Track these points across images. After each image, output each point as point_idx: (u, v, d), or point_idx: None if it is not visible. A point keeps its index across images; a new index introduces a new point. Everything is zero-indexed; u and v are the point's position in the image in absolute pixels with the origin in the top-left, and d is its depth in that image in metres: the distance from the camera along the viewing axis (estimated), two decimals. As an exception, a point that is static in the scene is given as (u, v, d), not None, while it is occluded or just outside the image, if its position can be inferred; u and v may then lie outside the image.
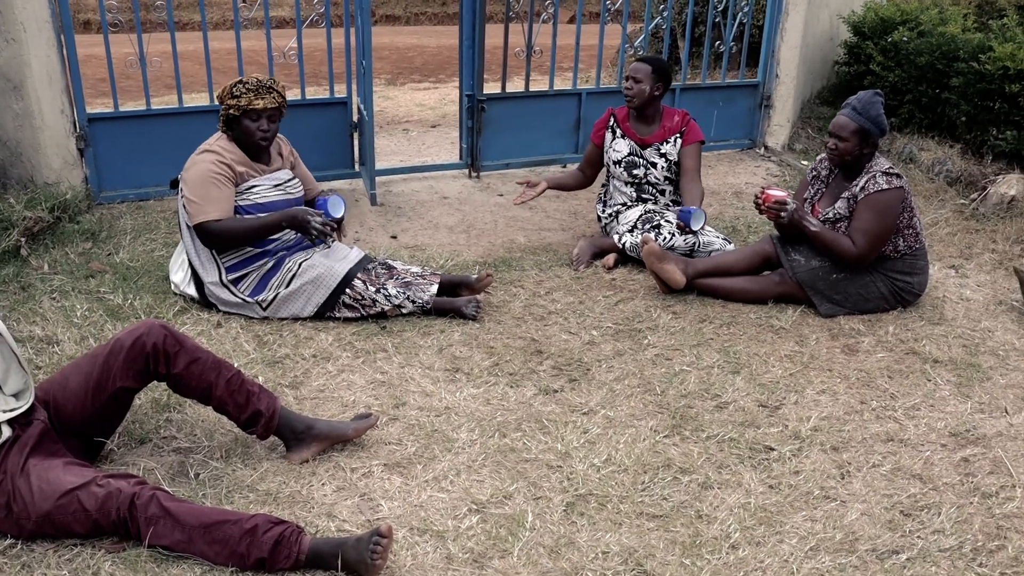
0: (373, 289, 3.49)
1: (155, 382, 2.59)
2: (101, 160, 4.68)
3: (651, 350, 3.39)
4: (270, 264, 3.53)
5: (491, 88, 5.34)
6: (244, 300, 3.51)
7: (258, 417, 2.58)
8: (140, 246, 4.19)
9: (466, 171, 5.38)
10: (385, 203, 4.88)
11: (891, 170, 3.61)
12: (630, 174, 4.28)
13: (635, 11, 9.81)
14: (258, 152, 3.55)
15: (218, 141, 3.52)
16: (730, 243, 4.15)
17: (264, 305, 3.51)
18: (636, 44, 5.78)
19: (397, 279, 3.57)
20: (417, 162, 5.60)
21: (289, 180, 3.66)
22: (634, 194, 4.32)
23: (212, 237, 3.44)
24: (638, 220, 4.18)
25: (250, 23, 5.01)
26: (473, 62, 5.04)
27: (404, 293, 3.52)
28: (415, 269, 3.67)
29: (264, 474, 2.59)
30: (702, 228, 3.92)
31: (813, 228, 3.65)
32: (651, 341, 3.46)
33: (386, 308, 3.50)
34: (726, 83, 5.98)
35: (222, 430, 2.78)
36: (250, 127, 3.45)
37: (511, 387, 3.09)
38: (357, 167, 5.14)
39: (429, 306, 3.54)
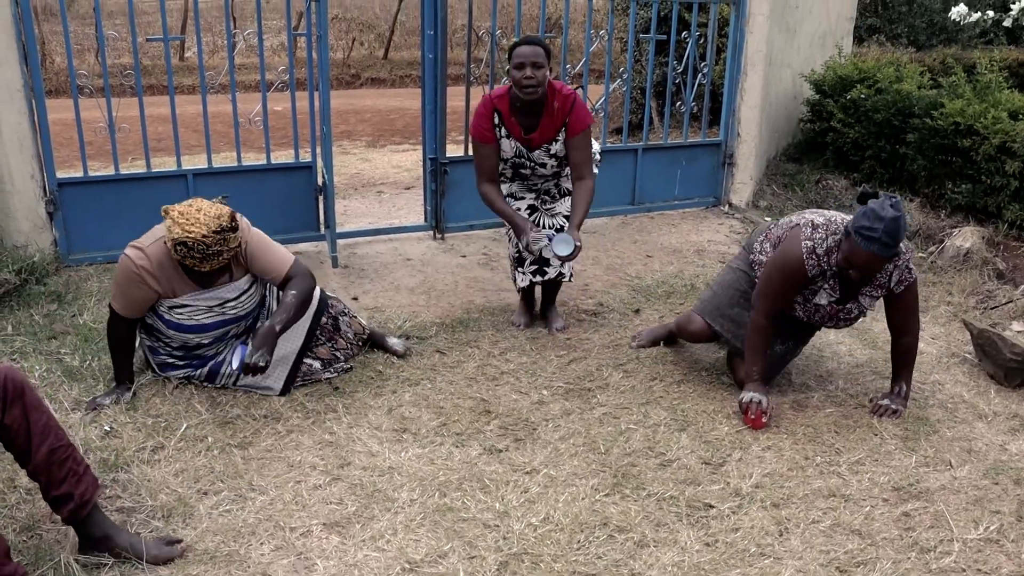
0: (319, 365, 3.57)
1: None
2: (70, 223, 4.75)
3: (599, 409, 3.42)
4: (204, 372, 3.46)
5: (454, 151, 5.45)
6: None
7: (67, 500, 2.41)
8: (104, 308, 4.22)
9: (431, 233, 5.46)
10: (350, 265, 4.95)
11: (905, 256, 3.30)
12: (517, 173, 3.97)
13: (595, 70, 9.98)
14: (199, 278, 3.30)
15: (154, 245, 3.20)
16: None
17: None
18: (596, 106, 5.91)
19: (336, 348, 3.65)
20: (386, 224, 5.68)
21: (232, 299, 3.33)
22: (523, 183, 4.05)
23: (108, 327, 3.36)
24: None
25: (220, 88, 5.12)
26: (435, 126, 5.15)
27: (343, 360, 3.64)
28: (351, 335, 3.71)
29: (203, 533, 2.61)
30: (572, 253, 3.66)
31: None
32: (600, 400, 3.50)
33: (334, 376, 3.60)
34: (688, 142, 6.10)
35: (166, 490, 2.81)
36: (193, 274, 3.24)
37: (456, 447, 3.12)
38: (323, 230, 5.22)
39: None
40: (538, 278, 3.98)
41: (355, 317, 3.78)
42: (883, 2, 9.40)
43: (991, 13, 5.56)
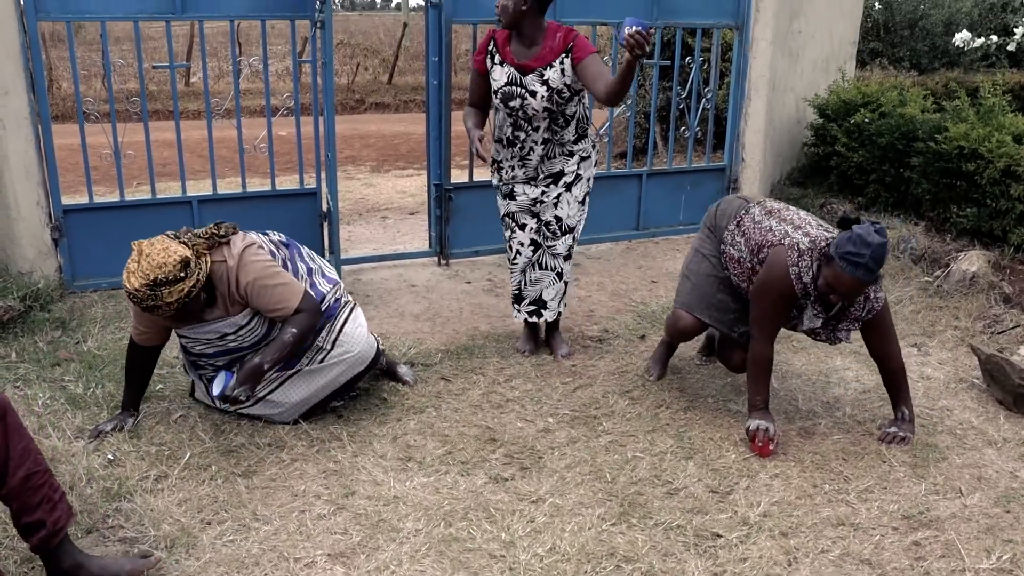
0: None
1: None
2: (75, 250, 4.76)
3: (605, 437, 3.40)
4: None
5: (458, 177, 5.45)
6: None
7: (39, 527, 2.38)
8: (108, 335, 4.23)
9: (435, 259, 5.45)
10: (354, 291, 4.94)
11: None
12: (507, 105, 3.79)
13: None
14: None
15: None
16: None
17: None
18: (601, 131, 5.92)
19: None
20: (390, 250, 5.68)
21: (232, 333, 3.23)
22: (510, 131, 3.87)
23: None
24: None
25: (225, 113, 5.14)
26: (440, 152, 5.16)
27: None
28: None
29: (207, 564, 2.59)
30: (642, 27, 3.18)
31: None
32: (606, 428, 3.47)
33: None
34: (693, 167, 6.11)
35: (170, 519, 2.79)
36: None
37: (462, 476, 3.10)
38: (328, 256, 5.22)
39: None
40: (533, 318, 4.08)
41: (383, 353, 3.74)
42: (885, 26, 9.42)
43: (994, 38, 5.57)
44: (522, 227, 4.01)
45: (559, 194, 3.93)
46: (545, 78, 3.70)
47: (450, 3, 4.95)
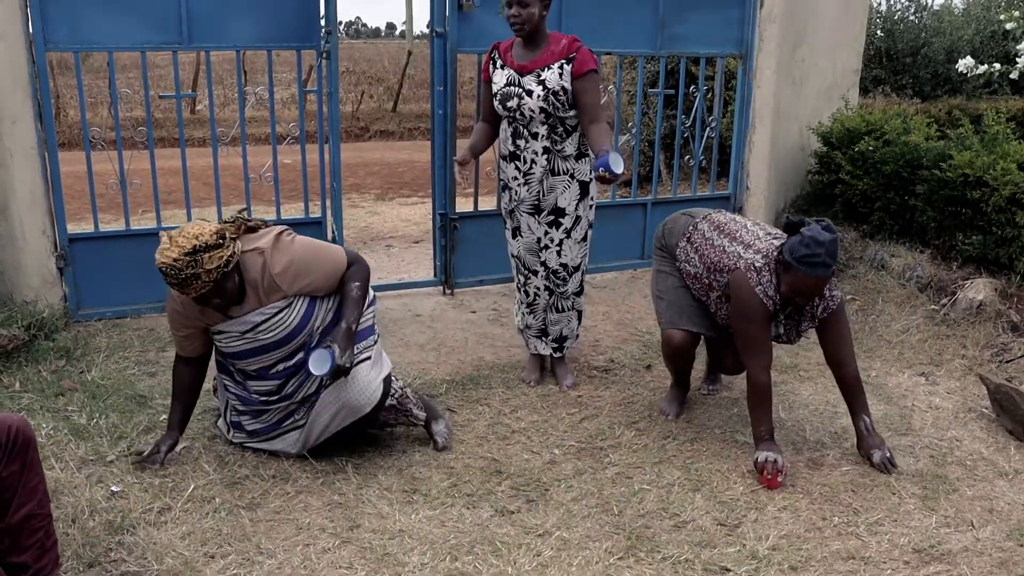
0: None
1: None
2: (80, 279, 4.76)
3: (612, 468, 3.37)
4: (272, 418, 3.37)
5: (463, 205, 5.46)
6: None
7: (22, 570, 2.35)
8: (113, 364, 4.22)
9: (440, 288, 5.44)
10: (359, 318, 4.93)
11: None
12: (504, 107, 3.82)
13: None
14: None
15: None
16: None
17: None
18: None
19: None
20: (395, 279, 5.68)
21: (263, 322, 3.15)
22: (511, 140, 3.90)
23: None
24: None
25: (232, 141, 5.15)
26: (445, 181, 5.17)
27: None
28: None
29: (209, 603, 2.56)
30: (624, 172, 3.59)
31: None
32: (612, 459, 3.45)
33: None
34: (697, 196, 6.11)
35: (173, 553, 2.77)
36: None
37: (468, 508, 3.07)
38: (333, 283, 5.22)
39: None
40: (557, 353, 4.15)
41: (410, 413, 3.53)
42: (887, 54, 9.46)
43: (998, 65, 5.58)
44: (534, 273, 4.06)
45: (561, 240, 3.95)
46: (542, 78, 3.75)
47: (455, 33, 4.97)
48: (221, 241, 2.96)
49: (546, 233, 3.96)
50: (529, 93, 3.76)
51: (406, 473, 3.30)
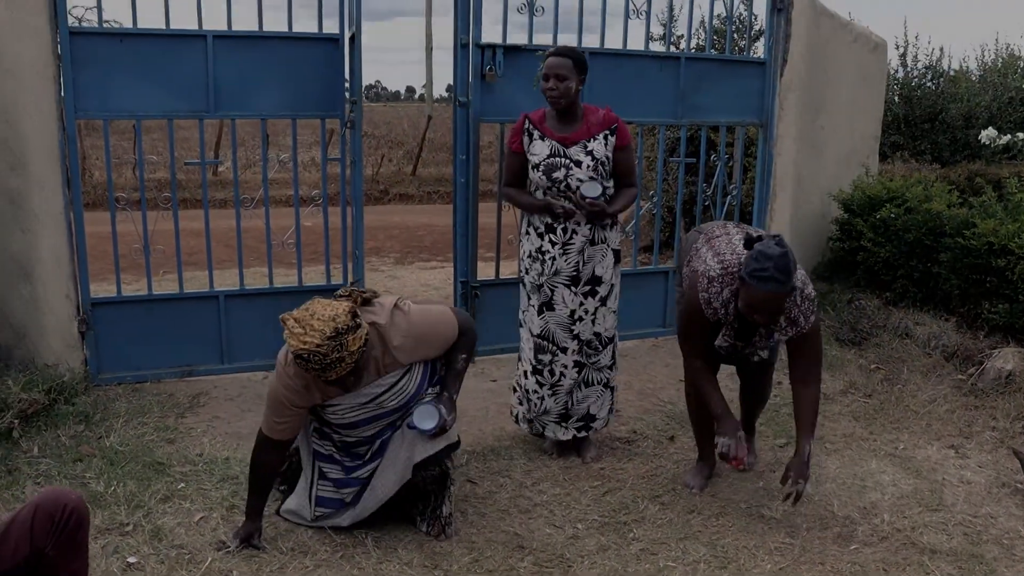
0: None
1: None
2: (101, 343, 4.77)
3: (636, 544, 3.29)
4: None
5: (484, 271, 5.45)
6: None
7: None
8: (131, 430, 4.20)
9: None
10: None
11: (805, 290, 3.34)
12: (549, 177, 3.78)
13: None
14: None
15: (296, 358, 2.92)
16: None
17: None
18: (628, 229, 5.93)
19: None
20: (414, 344, 5.65)
21: (383, 393, 3.13)
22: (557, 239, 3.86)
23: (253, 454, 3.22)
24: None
25: (255, 203, 5.20)
26: (467, 248, 5.17)
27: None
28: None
29: None
30: (600, 196, 3.72)
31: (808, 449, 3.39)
32: (637, 535, 3.37)
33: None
34: (719, 261, 6.08)
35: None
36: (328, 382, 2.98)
37: (489, 586, 3.00)
38: (353, 348, 5.21)
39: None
40: (582, 433, 4.04)
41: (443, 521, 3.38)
42: (905, 120, 9.52)
43: (1021, 135, 5.58)
44: (564, 350, 3.95)
45: (596, 309, 3.92)
46: (589, 149, 3.79)
47: (478, 102, 5.03)
48: (358, 321, 2.91)
49: (581, 304, 3.90)
50: (578, 164, 3.78)
51: (427, 547, 3.23)
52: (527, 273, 3.97)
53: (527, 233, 3.97)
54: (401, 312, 3.14)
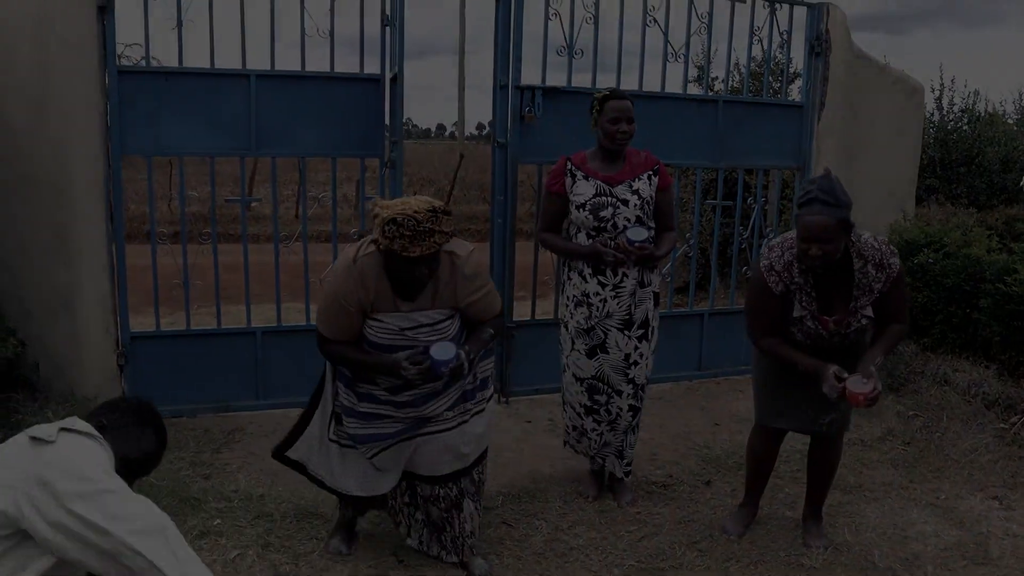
0: None
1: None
2: (139, 376, 4.81)
3: (674, 592, 3.25)
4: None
5: (520, 311, 5.45)
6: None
7: None
8: (166, 465, 4.19)
9: (495, 397, 5.39)
10: (413, 423, 4.89)
11: (877, 237, 3.26)
12: (596, 216, 3.77)
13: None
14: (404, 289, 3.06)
15: (364, 254, 3.00)
16: None
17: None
18: (664, 271, 5.92)
19: None
20: (448, 384, 5.64)
21: (418, 327, 3.07)
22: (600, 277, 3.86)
23: (320, 349, 3.16)
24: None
25: (295, 239, 5.25)
26: (504, 289, 5.16)
27: None
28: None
29: None
30: (646, 240, 3.75)
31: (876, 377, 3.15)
32: (674, 582, 3.33)
33: None
34: (754, 304, 6.04)
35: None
36: (400, 272, 2.96)
37: (526, 632, 2.96)
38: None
39: None
40: (629, 477, 4.05)
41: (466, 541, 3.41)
42: (941, 163, 9.45)
43: (1062, 182, 5.52)
44: (619, 393, 3.93)
45: (645, 354, 3.93)
46: (635, 188, 3.83)
47: (516, 143, 5.06)
48: (449, 210, 2.96)
49: (636, 348, 3.88)
50: (625, 203, 3.81)
51: (462, 590, 3.21)
52: (571, 318, 3.93)
53: (569, 278, 3.95)
54: (477, 256, 3.17)
